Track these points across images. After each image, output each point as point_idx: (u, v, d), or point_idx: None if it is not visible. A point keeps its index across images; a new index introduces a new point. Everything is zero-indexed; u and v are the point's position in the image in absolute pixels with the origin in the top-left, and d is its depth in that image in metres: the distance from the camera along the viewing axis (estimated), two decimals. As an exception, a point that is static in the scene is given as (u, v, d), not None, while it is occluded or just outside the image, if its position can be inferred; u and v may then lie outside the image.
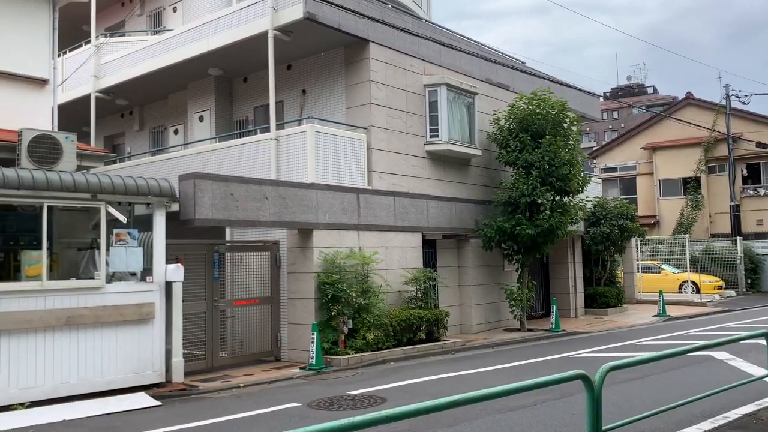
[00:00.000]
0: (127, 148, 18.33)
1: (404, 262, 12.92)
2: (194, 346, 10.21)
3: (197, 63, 14.37)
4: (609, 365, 4.29)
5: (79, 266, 9.09)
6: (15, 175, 7.94)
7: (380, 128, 13.04)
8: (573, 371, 4.05)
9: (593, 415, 4.21)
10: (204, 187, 9.76)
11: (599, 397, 4.21)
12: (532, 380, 3.83)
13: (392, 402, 7.71)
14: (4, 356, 7.67)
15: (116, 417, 7.42)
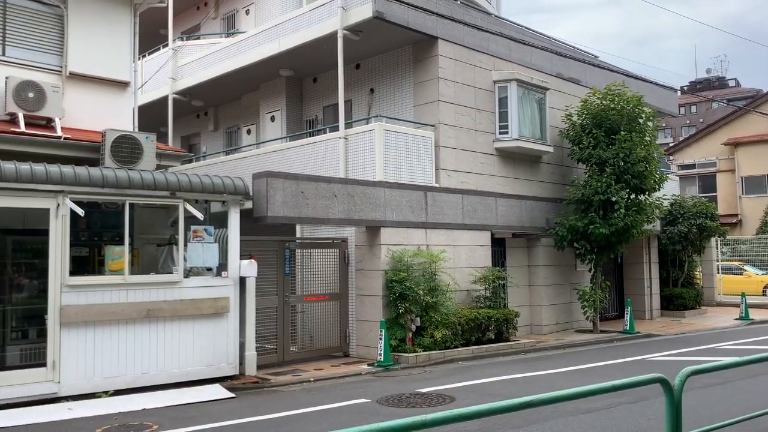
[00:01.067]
0: (202, 148, 18.94)
1: (473, 261, 12.81)
2: (266, 340, 10.46)
3: (269, 64, 14.70)
4: (690, 369, 4.12)
5: (158, 261, 9.46)
6: (100, 173, 8.34)
7: (448, 125, 12.98)
8: (651, 374, 3.91)
9: (673, 420, 4.05)
10: (276, 185, 9.97)
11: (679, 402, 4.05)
12: (608, 383, 3.72)
13: (461, 401, 7.67)
14: (90, 346, 8.08)
15: (193, 407, 7.69)
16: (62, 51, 10.43)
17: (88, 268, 8.83)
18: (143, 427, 6.64)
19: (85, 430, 6.59)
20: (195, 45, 17.33)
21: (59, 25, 10.46)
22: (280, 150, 13.64)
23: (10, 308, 8.46)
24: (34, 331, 8.40)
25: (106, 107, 10.82)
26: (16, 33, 10.02)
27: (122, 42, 11.09)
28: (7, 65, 9.79)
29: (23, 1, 10.12)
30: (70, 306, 7.94)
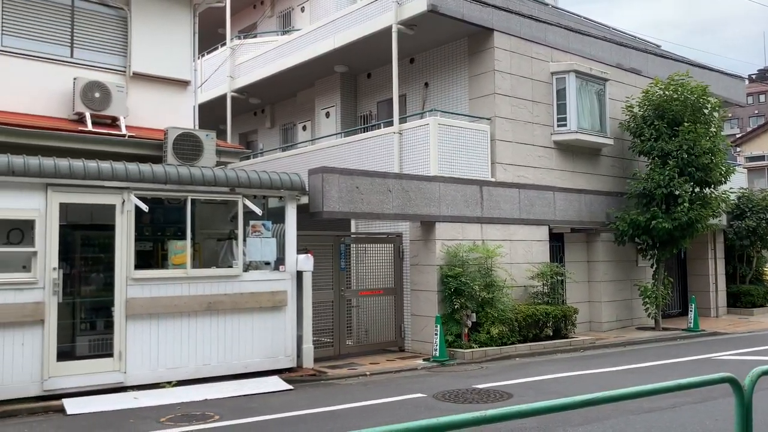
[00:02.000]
0: (259, 145, 19.28)
1: (530, 256, 12.62)
2: (321, 334, 10.58)
3: (324, 61, 14.82)
4: (761, 369, 3.94)
5: (218, 256, 9.69)
6: (163, 170, 8.59)
7: (504, 118, 12.80)
8: (719, 374, 3.76)
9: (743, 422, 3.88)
10: (331, 180, 10.05)
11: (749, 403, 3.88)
12: (674, 381, 3.60)
13: (518, 398, 7.57)
14: (154, 338, 8.34)
15: (252, 398, 7.85)
16: (126, 52, 10.78)
17: (151, 262, 9.10)
18: (205, 418, 6.82)
19: (150, 418, 6.81)
20: (252, 43, 17.64)
21: (123, 27, 10.81)
22: (334, 146, 13.74)
23: (79, 300, 8.80)
24: (102, 322, 8.73)
25: (167, 106, 11.12)
26: (83, 36, 10.40)
27: (183, 42, 11.38)
28: (75, 67, 10.18)
29: (89, 4, 10.50)
30: (135, 299, 8.22)
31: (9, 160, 7.53)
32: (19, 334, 7.47)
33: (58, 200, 7.88)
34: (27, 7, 9.91)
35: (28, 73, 9.81)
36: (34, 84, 9.83)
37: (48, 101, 9.94)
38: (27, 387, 7.47)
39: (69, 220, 8.54)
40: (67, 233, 8.30)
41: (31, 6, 9.95)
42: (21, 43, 9.84)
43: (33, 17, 9.95)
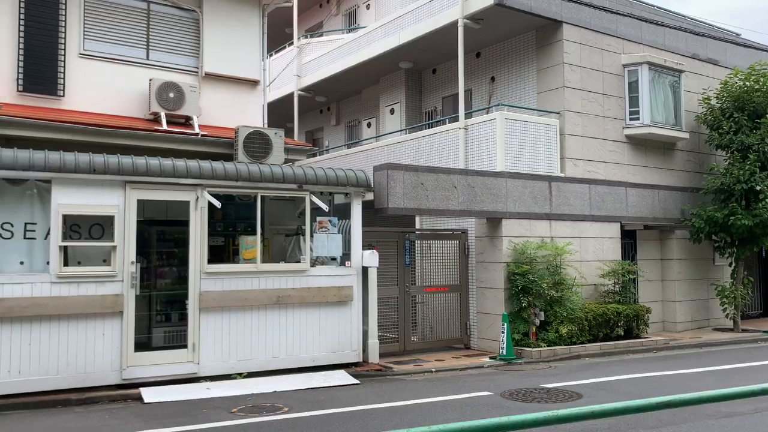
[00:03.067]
0: (325, 142, 19.53)
1: (600, 254, 12.29)
2: (386, 330, 10.62)
3: (389, 57, 14.86)
4: None
5: (286, 251, 9.87)
6: (234, 168, 8.82)
7: (574, 112, 12.50)
8: (811, 379, 3.55)
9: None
10: (396, 177, 10.07)
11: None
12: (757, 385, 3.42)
13: (589, 398, 7.39)
14: (226, 330, 8.58)
15: (320, 392, 7.97)
16: (198, 53, 11.11)
17: (223, 256, 9.35)
18: (275, 409, 6.97)
19: (222, 409, 7.01)
20: (318, 42, 17.86)
21: (195, 29, 11.15)
22: (399, 142, 13.75)
23: (155, 293, 9.15)
24: (176, 315, 9.05)
25: (237, 105, 11.41)
26: (158, 38, 10.79)
27: (252, 42, 11.64)
28: (150, 68, 10.58)
29: (164, 8, 10.88)
30: (208, 292, 8.47)
31: (91, 158, 7.89)
32: (100, 325, 7.83)
33: (136, 197, 8.20)
34: (106, 12, 10.35)
35: (107, 75, 10.26)
36: (113, 85, 10.27)
37: (125, 102, 10.37)
38: (107, 375, 7.83)
39: (146, 216, 8.87)
40: (143, 228, 8.63)
41: (110, 11, 10.38)
42: (101, 47, 10.29)
43: (112, 22, 10.39)
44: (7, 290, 7.35)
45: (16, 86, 9.54)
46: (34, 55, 9.66)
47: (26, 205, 7.83)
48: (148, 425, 6.29)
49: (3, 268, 7.55)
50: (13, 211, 7.74)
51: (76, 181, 7.83)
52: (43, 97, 9.74)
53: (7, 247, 7.66)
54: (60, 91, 9.86)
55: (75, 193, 7.83)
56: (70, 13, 10.00)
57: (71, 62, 9.97)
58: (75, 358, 7.65)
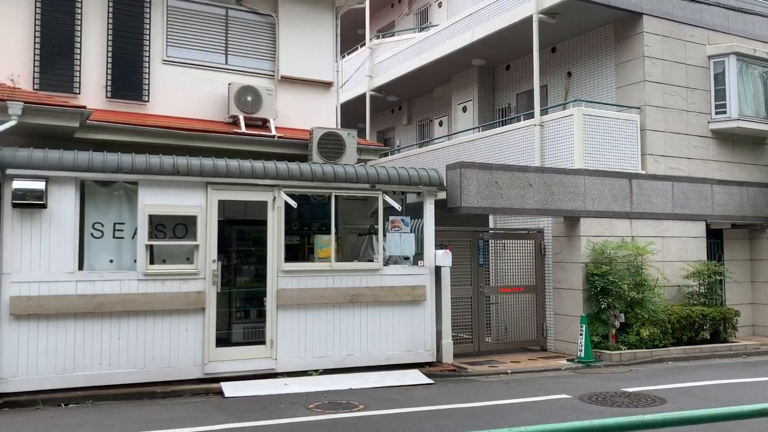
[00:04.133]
0: (396, 141, 19.59)
1: (684, 254, 11.77)
2: (460, 330, 10.54)
3: (461, 55, 14.76)
4: None
5: (359, 250, 9.96)
6: (309, 168, 8.98)
7: (655, 107, 12.03)
8: None
9: None
10: (469, 175, 9.98)
11: None
12: None
13: (673, 404, 7.09)
14: (302, 327, 8.74)
15: (394, 390, 7.99)
16: (274, 56, 11.37)
17: (298, 255, 9.52)
18: (351, 406, 7.04)
19: (299, 404, 7.15)
20: (390, 42, 17.95)
21: (271, 33, 11.41)
22: (472, 140, 13.63)
23: (234, 291, 9.43)
24: (254, 311, 9.28)
25: (311, 106, 11.61)
26: (236, 43, 11.11)
27: (326, 44, 11.81)
28: (229, 72, 10.90)
29: (241, 13, 11.19)
30: (285, 289, 8.66)
31: (174, 161, 8.21)
32: (183, 321, 8.14)
33: (217, 197, 8.48)
34: (187, 19, 10.74)
35: (188, 80, 10.64)
36: (194, 90, 10.65)
37: (205, 105, 10.73)
38: (190, 370, 8.12)
39: (225, 215, 9.15)
40: (223, 228, 8.90)
41: (190, 18, 10.77)
42: (182, 53, 10.69)
43: (192, 29, 10.78)
44: (98, 287, 7.75)
45: (105, 93, 10.04)
46: (121, 63, 10.14)
47: (115, 206, 8.23)
48: (229, 419, 6.49)
49: (94, 266, 7.97)
50: (103, 212, 8.16)
51: (160, 182, 8.17)
52: (129, 102, 10.21)
53: (98, 246, 8.08)
54: (145, 96, 10.30)
55: (160, 194, 8.17)
56: (154, 21, 10.44)
57: (155, 69, 10.40)
58: (160, 352, 7.98)
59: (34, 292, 7.47)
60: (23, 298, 7.42)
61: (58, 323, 7.56)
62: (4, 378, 7.30)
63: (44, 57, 9.59)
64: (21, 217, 7.52)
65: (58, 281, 7.57)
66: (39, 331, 7.49)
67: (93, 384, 7.63)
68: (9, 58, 9.29)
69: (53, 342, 7.53)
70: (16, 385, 7.34)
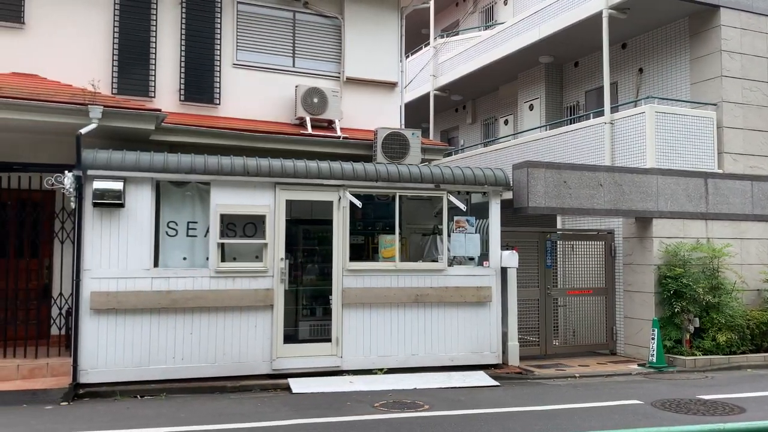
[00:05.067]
0: (460, 141, 19.47)
1: (764, 257, 11.20)
2: (526, 332, 10.38)
3: (528, 52, 14.53)
4: None
5: (423, 250, 9.95)
6: (374, 169, 9.03)
7: (734, 103, 11.51)
8: None
9: None
10: (537, 175, 9.81)
11: None
12: None
13: (753, 413, 6.76)
14: (366, 326, 8.81)
15: (459, 391, 7.94)
16: (339, 58, 11.51)
17: (362, 254, 9.59)
18: (416, 406, 7.04)
19: (365, 402, 7.20)
20: (455, 41, 17.86)
21: (337, 35, 11.55)
22: (539, 139, 13.40)
23: (301, 289, 9.58)
24: (320, 309, 9.40)
25: (375, 107, 11.69)
26: (303, 46, 11.30)
27: (390, 45, 11.87)
28: (296, 75, 11.11)
29: (308, 16, 11.37)
30: (350, 288, 8.75)
31: (244, 161, 8.42)
32: (252, 317, 8.34)
33: (285, 197, 8.64)
34: (256, 23, 11.01)
35: (257, 83, 10.91)
36: (262, 92, 10.90)
37: (273, 107, 10.97)
38: (259, 365, 8.32)
39: (292, 215, 9.31)
40: (290, 227, 9.06)
41: (259, 22, 11.03)
42: (252, 57, 10.96)
43: (261, 32, 11.03)
44: (173, 283, 8.04)
45: (179, 96, 10.40)
46: (193, 68, 10.48)
47: (188, 206, 8.51)
48: (297, 415, 6.60)
49: (168, 264, 8.26)
50: (177, 211, 8.45)
51: (231, 182, 8.39)
52: (201, 105, 10.55)
53: (173, 244, 8.38)
54: (216, 99, 10.62)
55: (231, 194, 8.40)
56: (225, 26, 10.74)
57: (226, 72, 10.70)
58: (231, 347, 8.20)
59: (113, 288, 7.81)
60: (103, 293, 7.77)
61: (134, 318, 7.88)
62: (85, 369, 7.67)
63: (122, 62, 10.02)
64: (101, 216, 7.87)
65: (135, 277, 7.90)
66: (117, 325, 7.83)
67: (166, 377, 7.92)
68: (90, 64, 9.75)
69: (130, 336, 7.85)
70: (96, 376, 7.70)
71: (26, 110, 7.98)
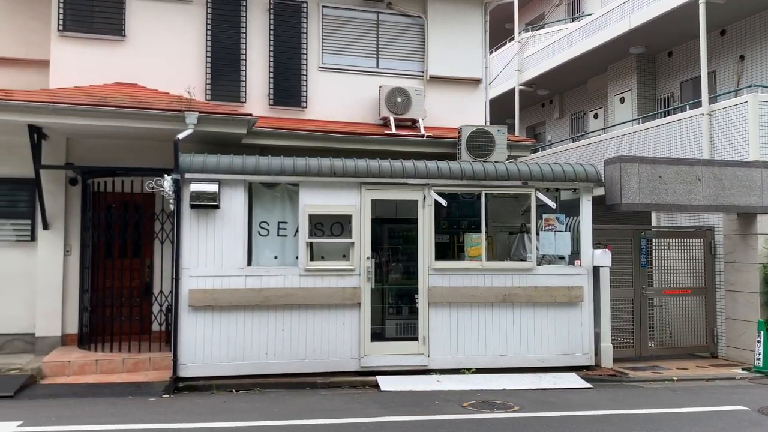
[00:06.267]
0: (547, 136, 19.02)
1: None
2: (619, 333, 10.02)
3: (617, 44, 14.02)
4: None
5: (510, 249, 9.79)
6: (459, 167, 8.97)
7: None
8: None
9: None
10: (630, 170, 9.43)
11: None
12: None
13: None
14: (453, 325, 8.76)
15: (550, 393, 7.77)
16: (423, 57, 11.51)
17: (447, 253, 9.55)
18: (505, 407, 6.94)
19: (453, 402, 7.17)
20: (540, 35, 17.47)
21: (420, 34, 11.55)
22: (631, 133, 12.87)
23: (386, 287, 9.64)
24: (406, 308, 9.44)
25: (459, 105, 11.62)
26: (386, 46, 11.38)
27: (474, 42, 11.76)
28: (379, 76, 11.20)
29: (392, 16, 11.44)
30: (435, 287, 8.73)
31: (331, 162, 8.58)
32: (340, 315, 8.48)
33: (370, 197, 8.74)
34: (341, 26, 11.18)
35: (342, 85, 11.08)
36: (347, 94, 11.06)
37: (357, 108, 11.11)
38: (347, 362, 8.45)
39: (377, 214, 9.39)
40: (375, 226, 9.15)
41: (344, 25, 11.20)
42: (337, 59, 11.15)
43: (346, 35, 11.20)
44: (264, 281, 8.30)
45: (268, 101, 10.72)
46: (281, 73, 10.78)
47: (278, 206, 8.76)
48: (387, 412, 6.66)
49: (260, 262, 8.54)
50: (269, 212, 8.72)
51: (319, 183, 8.57)
52: (288, 109, 10.83)
53: (264, 244, 8.65)
54: (303, 102, 10.87)
55: (318, 195, 8.58)
56: (311, 30, 10.97)
57: (312, 76, 10.93)
58: (320, 344, 8.38)
59: (209, 286, 8.15)
60: (200, 291, 8.12)
61: (229, 315, 8.19)
62: (185, 364, 8.05)
63: (214, 69, 10.44)
64: (197, 217, 8.23)
65: (230, 276, 8.21)
66: (213, 322, 8.16)
67: (259, 372, 8.19)
68: (185, 73, 10.21)
69: (225, 332, 8.17)
70: (194, 370, 8.06)
71: (128, 118, 8.47)
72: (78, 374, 8.32)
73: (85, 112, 8.33)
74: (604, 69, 15.79)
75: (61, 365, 8.37)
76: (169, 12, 10.33)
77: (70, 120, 8.35)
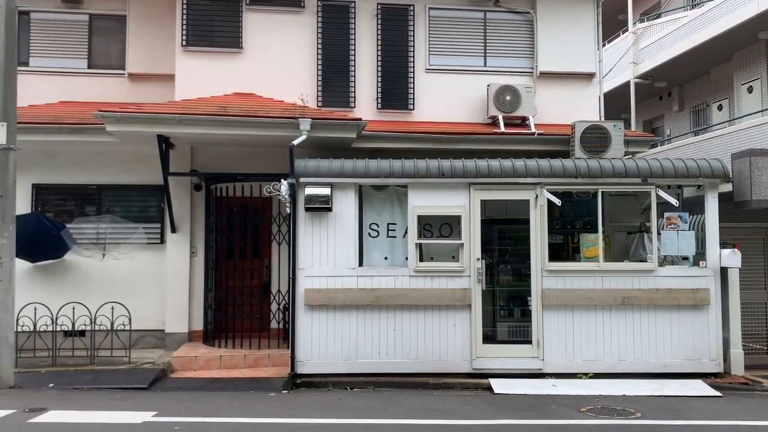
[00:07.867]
0: (666, 131, 18.03)
1: None
2: (751, 339, 9.35)
3: (745, 29, 13.08)
4: None
5: (629, 249, 9.35)
6: (573, 165, 8.70)
7: None
8: None
9: None
10: (762, 164, 8.79)
11: None
12: None
13: None
14: (569, 329, 8.49)
15: (674, 400, 7.35)
16: (532, 53, 11.28)
17: (562, 254, 9.27)
18: (626, 413, 6.65)
19: (569, 407, 6.96)
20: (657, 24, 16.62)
21: (529, 30, 11.33)
22: (761, 124, 11.94)
23: (498, 289, 9.52)
24: (518, 310, 9.27)
25: (571, 100, 11.27)
26: (494, 44, 11.26)
27: (586, 35, 11.39)
28: (487, 74, 11.10)
29: (499, 14, 11.30)
30: (550, 289, 8.51)
31: (439, 164, 8.59)
32: (451, 317, 8.46)
33: (479, 197, 8.66)
34: (447, 27, 11.18)
35: (448, 85, 11.08)
36: (454, 95, 11.04)
37: (465, 108, 11.05)
38: (459, 364, 8.41)
39: (487, 215, 9.29)
40: (485, 227, 9.05)
41: (450, 26, 11.19)
42: (443, 60, 11.16)
43: (452, 35, 11.19)
44: (376, 282, 8.44)
45: (376, 105, 10.91)
46: (389, 76, 10.93)
47: (387, 208, 8.89)
48: (500, 415, 6.56)
49: (371, 263, 8.69)
50: (378, 213, 8.87)
51: (427, 185, 8.60)
52: (396, 112, 10.96)
53: (375, 245, 8.81)
54: (410, 105, 10.96)
55: (427, 196, 8.61)
56: (418, 33, 11.05)
57: (419, 78, 11.01)
58: (431, 345, 8.40)
59: (323, 285, 8.40)
60: (315, 290, 8.39)
61: (343, 314, 8.40)
62: (302, 361, 8.33)
63: (325, 76, 10.75)
64: (312, 219, 8.51)
65: (342, 276, 8.43)
66: (327, 320, 8.40)
67: (372, 371, 8.33)
68: (298, 81, 10.59)
69: (339, 330, 8.39)
70: (310, 367, 8.33)
71: (246, 126, 8.91)
72: (203, 369, 8.83)
73: (206, 122, 8.84)
74: (730, 57, 14.76)
75: (188, 360, 8.92)
76: (281, 22, 10.75)
77: (194, 129, 8.90)
